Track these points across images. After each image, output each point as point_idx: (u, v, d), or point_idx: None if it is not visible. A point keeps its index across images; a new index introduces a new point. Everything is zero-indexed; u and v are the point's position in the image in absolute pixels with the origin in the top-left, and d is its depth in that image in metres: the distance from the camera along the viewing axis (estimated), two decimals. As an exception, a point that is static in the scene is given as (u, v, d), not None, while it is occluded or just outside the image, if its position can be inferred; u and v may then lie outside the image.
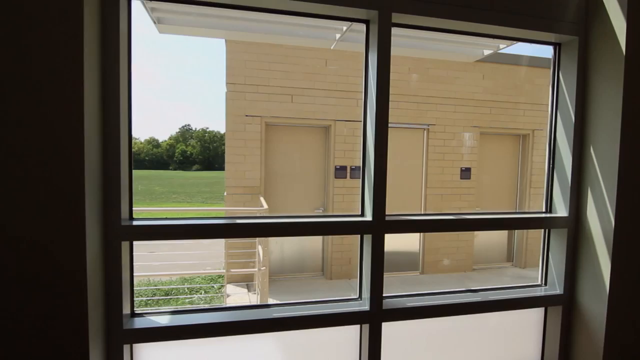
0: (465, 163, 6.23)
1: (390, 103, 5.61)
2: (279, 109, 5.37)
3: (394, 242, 6.04)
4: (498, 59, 6.26)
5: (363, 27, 2.26)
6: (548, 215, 1.89)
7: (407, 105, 5.83)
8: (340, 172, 5.62)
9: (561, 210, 1.89)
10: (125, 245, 1.32)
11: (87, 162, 1.13)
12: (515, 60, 6.37)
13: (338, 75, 5.54)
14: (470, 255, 6.37)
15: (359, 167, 5.68)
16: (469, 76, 6.15)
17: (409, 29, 1.82)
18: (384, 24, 1.52)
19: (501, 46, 2.33)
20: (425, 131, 6.05)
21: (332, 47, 2.46)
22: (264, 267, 3.61)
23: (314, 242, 5.85)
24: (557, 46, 1.92)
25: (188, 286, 5.43)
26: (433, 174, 6.09)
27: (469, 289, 1.89)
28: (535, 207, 6.66)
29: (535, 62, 6.50)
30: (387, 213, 1.59)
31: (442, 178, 6.14)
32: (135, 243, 1.40)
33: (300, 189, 5.70)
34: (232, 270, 3.83)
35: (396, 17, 1.56)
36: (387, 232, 1.60)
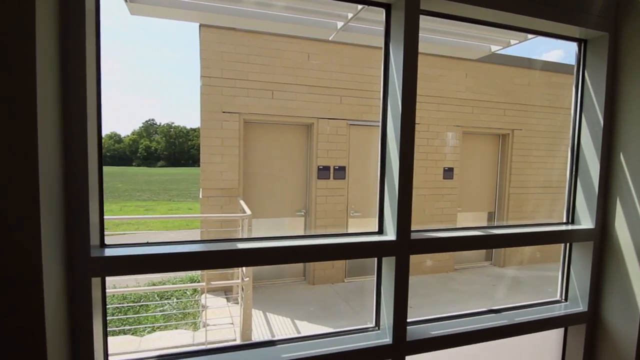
0: (448, 163, 6.19)
1: (373, 100, 5.35)
2: (259, 105, 5.04)
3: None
4: (481, 57, 6.24)
5: (370, 14, 2.01)
6: (576, 227, 1.76)
7: (391, 103, 5.66)
8: (323, 172, 5.38)
9: (586, 221, 1.76)
10: (96, 282, 1.02)
11: (43, 172, 0.82)
12: (497, 59, 6.39)
13: (321, 71, 5.29)
14: (452, 255, 6.35)
15: (344, 167, 5.47)
16: (453, 74, 6.10)
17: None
18: (412, 10, 1.29)
19: (512, 42, 2.18)
20: (408, 130, 5.93)
21: (330, 38, 2.22)
22: (247, 278, 3.32)
23: (295, 245, 5.59)
24: (582, 43, 1.78)
25: (160, 301, 5.01)
26: (417, 174, 5.99)
27: (491, 309, 1.72)
28: (514, 205, 6.75)
29: (515, 62, 6.55)
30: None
31: (426, 178, 6.06)
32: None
33: (281, 191, 5.42)
34: (212, 282, 3.51)
35: (424, 3, 1.35)
36: (413, 253, 1.39)
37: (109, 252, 1.04)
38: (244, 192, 5.14)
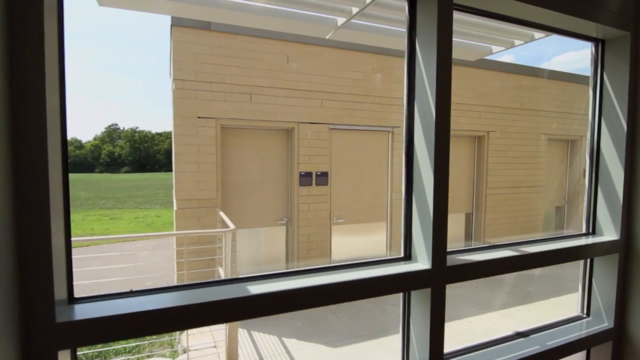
0: (428, 166, 6.15)
1: (354, 104, 5.19)
2: (236, 109, 4.75)
3: (356, 247, 5.76)
4: (456, 60, 6.27)
5: (378, 9, 1.84)
6: (599, 238, 1.66)
7: (373, 106, 5.56)
8: (305, 178, 5.17)
9: (609, 232, 1.67)
10: (64, 356, 0.77)
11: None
12: (471, 62, 6.45)
13: (300, 74, 5.08)
14: (434, 258, 6.32)
15: (326, 172, 5.28)
16: (430, 78, 6.08)
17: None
18: (445, 5, 1.13)
19: (516, 42, 2.08)
20: (390, 134, 5.85)
21: (327, 37, 2.03)
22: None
23: (276, 252, 5.34)
24: (599, 43, 1.70)
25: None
26: (398, 178, 5.92)
27: (517, 332, 1.59)
28: (491, 206, 6.84)
29: (488, 65, 6.65)
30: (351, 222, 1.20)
31: (407, 181, 5.99)
32: None
33: (261, 199, 5.15)
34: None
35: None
36: (451, 282, 1.21)
37: (80, 311, 0.79)
38: (223, 202, 4.83)
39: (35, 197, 0.68)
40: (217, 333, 3.61)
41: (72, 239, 0.86)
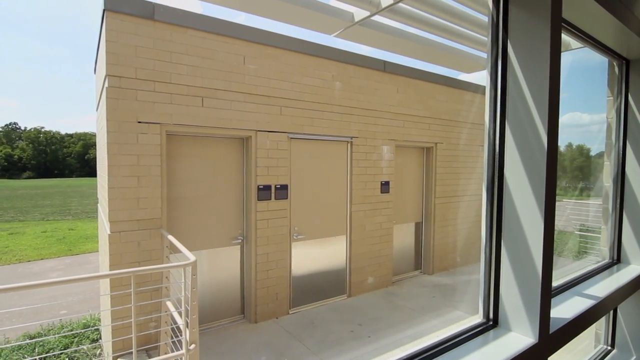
0: (384, 177, 6.10)
1: (314, 112, 4.84)
2: (185, 114, 4.14)
3: (318, 262, 5.45)
4: (409, 73, 6.34)
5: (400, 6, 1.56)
6: (626, 266, 1.57)
7: (333, 115, 5.31)
8: (264, 192, 4.71)
9: (637, 260, 1.59)
10: None
11: None
12: (421, 75, 6.58)
13: (258, 77, 4.63)
14: (390, 269, 6.28)
15: (286, 185, 4.88)
16: (386, 88, 6.05)
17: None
18: (555, 15, 0.89)
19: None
20: (349, 144, 5.65)
21: (333, 35, 1.70)
22: (193, 345, 2.51)
23: (230, 277, 4.78)
24: (623, 62, 1.63)
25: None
26: (357, 189, 5.75)
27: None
28: (440, 215, 7.03)
29: (435, 79, 6.85)
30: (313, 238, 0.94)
31: (365, 193, 5.85)
32: None
33: (214, 216, 4.56)
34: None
35: (569, 11, 0.96)
36: (552, 353, 0.96)
37: None
38: (169, 222, 4.16)
39: None
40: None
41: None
